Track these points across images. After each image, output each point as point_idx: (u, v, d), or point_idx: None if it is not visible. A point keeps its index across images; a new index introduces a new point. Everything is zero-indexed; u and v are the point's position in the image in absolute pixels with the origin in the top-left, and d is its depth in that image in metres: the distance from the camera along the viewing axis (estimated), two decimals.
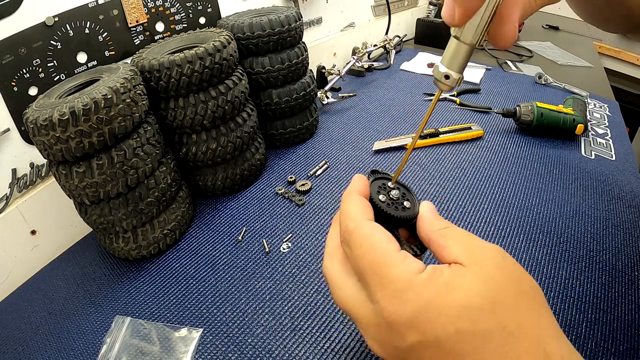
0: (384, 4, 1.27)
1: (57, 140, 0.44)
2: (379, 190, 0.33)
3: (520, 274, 0.26)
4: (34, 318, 0.52)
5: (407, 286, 0.25)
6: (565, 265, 0.51)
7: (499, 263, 0.26)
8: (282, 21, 0.67)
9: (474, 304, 0.24)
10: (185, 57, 0.54)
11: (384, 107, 0.94)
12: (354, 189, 0.32)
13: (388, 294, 0.25)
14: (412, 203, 0.33)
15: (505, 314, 0.24)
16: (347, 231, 0.29)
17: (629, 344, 0.42)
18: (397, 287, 0.25)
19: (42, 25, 0.54)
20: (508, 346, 0.23)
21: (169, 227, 0.57)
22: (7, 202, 0.55)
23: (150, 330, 0.46)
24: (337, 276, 0.30)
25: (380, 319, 0.26)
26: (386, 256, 0.26)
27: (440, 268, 0.26)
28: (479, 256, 0.26)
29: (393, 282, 0.25)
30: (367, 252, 0.27)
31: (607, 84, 1.10)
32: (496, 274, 0.25)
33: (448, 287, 0.24)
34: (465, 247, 0.27)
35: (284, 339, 0.45)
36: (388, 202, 0.33)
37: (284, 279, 0.52)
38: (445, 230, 0.29)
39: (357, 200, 0.31)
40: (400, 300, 0.25)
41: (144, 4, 0.65)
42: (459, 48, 0.28)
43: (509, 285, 0.25)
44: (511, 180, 0.68)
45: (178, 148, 0.62)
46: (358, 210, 0.30)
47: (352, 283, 0.29)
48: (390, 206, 0.32)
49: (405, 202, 0.33)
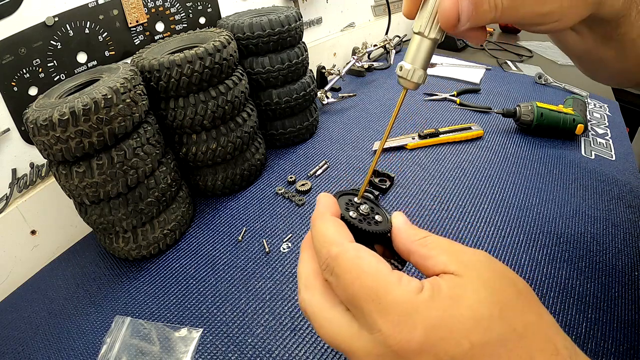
0: (384, 4, 1.27)
1: (57, 140, 0.44)
2: (347, 207, 0.31)
3: (511, 274, 0.26)
4: (34, 318, 0.52)
5: (412, 309, 0.23)
6: (565, 266, 0.51)
7: (490, 266, 0.25)
8: (282, 21, 0.67)
9: (483, 314, 0.23)
10: (185, 57, 0.54)
11: (384, 107, 0.94)
12: (325, 208, 0.29)
13: (391, 321, 0.23)
14: (383, 216, 0.32)
15: (512, 317, 0.23)
16: (329, 257, 0.26)
17: (629, 344, 0.42)
18: (401, 311, 0.23)
19: (42, 25, 0.54)
20: (521, 348, 0.23)
21: (169, 227, 0.57)
22: (7, 202, 0.55)
23: (150, 330, 0.46)
24: (321, 309, 0.27)
25: (384, 349, 0.23)
26: (381, 279, 0.24)
27: (436, 282, 0.24)
28: (468, 262, 0.25)
29: (395, 307, 0.23)
30: (357, 278, 0.24)
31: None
32: (492, 278, 0.25)
33: (452, 300, 0.23)
34: (450, 254, 0.26)
35: (284, 339, 0.45)
36: (359, 218, 0.31)
37: (284, 279, 0.52)
38: (425, 239, 0.27)
39: (331, 221, 0.28)
40: (406, 325, 0.23)
41: (144, 4, 0.65)
42: (420, 44, 0.28)
43: (507, 287, 0.25)
44: (511, 180, 0.68)
45: (178, 148, 0.62)
46: (336, 232, 0.27)
47: (339, 314, 0.26)
48: (363, 222, 0.30)
49: (376, 215, 0.31)
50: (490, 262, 0.26)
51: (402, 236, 0.29)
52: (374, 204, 0.33)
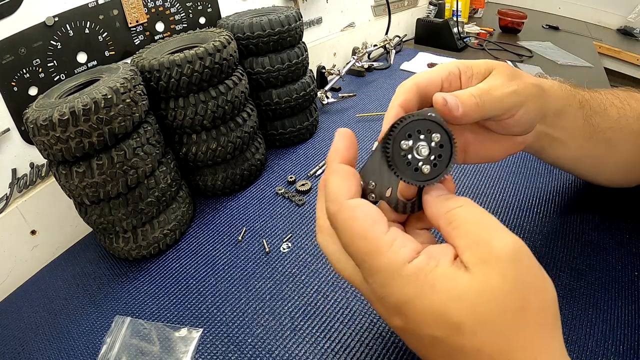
0: (384, 4, 1.27)
1: (57, 140, 0.44)
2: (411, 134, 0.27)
3: (529, 285, 0.23)
4: (34, 318, 0.52)
5: (391, 279, 0.24)
6: (565, 266, 0.51)
7: (506, 269, 0.22)
8: (282, 21, 0.67)
9: (451, 319, 0.22)
10: (185, 57, 0.54)
11: (384, 107, 0.94)
12: (334, 154, 0.28)
13: (377, 282, 0.25)
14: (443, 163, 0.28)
15: (488, 337, 0.22)
16: (330, 215, 0.27)
17: (629, 343, 0.41)
18: (384, 277, 0.24)
19: (42, 25, 0.54)
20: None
21: (169, 227, 0.57)
22: (7, 202, 0.55)
23: (150, 330, 0.46)
24: (332, 252, 0.29)
25: (378, 298, 0.26)
26: (371, 243, 0.24)
27: (436, 260, 0.24)
28: (486, 256, 0.23)
29: (380, 272, 0.24)
30: (352, 240, 0.25)
31: (607, 84, 1.10)
32: (497, 286, 0.22)
33: (433, 289, 0.23)
34: (472, 240, 0.24)
35: (284, 339, 0.45)
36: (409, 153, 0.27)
37: (284, 279, 0.52)
38: (453, 213, 0.25)
39: (336, 172, 0.28)
40: (386, 290, 0.24)
41: (144, 4, 0.65)
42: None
43: (506, 301, 0.22)
44: (511, 180, 0.68)
45: (178, 148, 0.62)
46: (338, 187, 0.27)
47: (347, 259, 0.28)
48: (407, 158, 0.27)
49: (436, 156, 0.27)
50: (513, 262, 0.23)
51: (432, 204, 0.27)
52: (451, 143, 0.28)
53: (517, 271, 0.22)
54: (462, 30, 1.35)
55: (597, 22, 1.77)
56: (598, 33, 1.63)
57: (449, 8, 1.50)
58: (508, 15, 1.49)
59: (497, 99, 0.32)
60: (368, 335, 0.44)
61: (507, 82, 0.33)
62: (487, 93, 0.31)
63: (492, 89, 0.32)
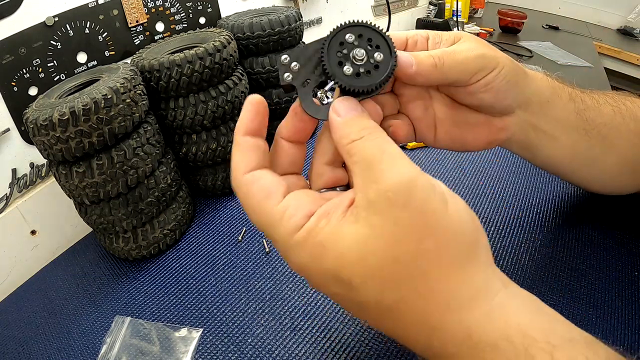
0: (384, 4, 1.27)
1: (57, 140, 0.44)
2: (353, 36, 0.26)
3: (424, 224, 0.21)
4: (34, 318, 0.52)
5: (288, 248, 0.24)
6: (565, 266, 0.51)
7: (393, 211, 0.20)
8: (282, 21, 0.67)
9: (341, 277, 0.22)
10: (185, 57, 0.54)
11: None
12: (239, 126, 0.27)
13: (280, 251, 0.26)
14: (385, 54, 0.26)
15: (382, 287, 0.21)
16: (234, 191, 0.27)
17: (629, 343, 0.41)
18: (282, 248, 0.25)
19: (42, 25, 0.54)
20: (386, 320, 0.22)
21: (169, 227, 0.57)
22: (7, 202, 0.55)
23: (150, 330, 0.46)
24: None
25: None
26: (266, 217, 0.25)
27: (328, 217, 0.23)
28: (373, 197, 0.21)
29: (277, 243, 0.25)
30: (251, 215, 0.26)
31: (607, 84, 1.10)
32: (383, 232, 0.21)
33: (323, 249, 0.22)
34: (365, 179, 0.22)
35: (284, 339, 0.45)
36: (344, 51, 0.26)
37: (284, 279, 0.52)
38: (354, 145, 0.23)
39: (236, 146, 0.27)
40: (287, 258, 0.25)
41: (144, 4, 0.65)
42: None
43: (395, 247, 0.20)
44: (511, 180, 0.68)
45: (178, 148, 0.62)
46: (236, 161, 0.26)
47: None
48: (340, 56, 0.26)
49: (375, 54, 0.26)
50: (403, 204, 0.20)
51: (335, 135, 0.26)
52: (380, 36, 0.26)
53: (406, 211, 0.20)
54: (462, 30, 1.35)
55: (597, 22, 1.77)
56: (598, 33, 1.63)
57: (449, 8, 1.50)
58: (508, 15, 1.49)
59: (460, 61, 0.30)
60: (368, 335, 0.44)
61: (475, 45, 0.31)
62: (449, 55, 0.30)
63: (456, 52, 0.30)
